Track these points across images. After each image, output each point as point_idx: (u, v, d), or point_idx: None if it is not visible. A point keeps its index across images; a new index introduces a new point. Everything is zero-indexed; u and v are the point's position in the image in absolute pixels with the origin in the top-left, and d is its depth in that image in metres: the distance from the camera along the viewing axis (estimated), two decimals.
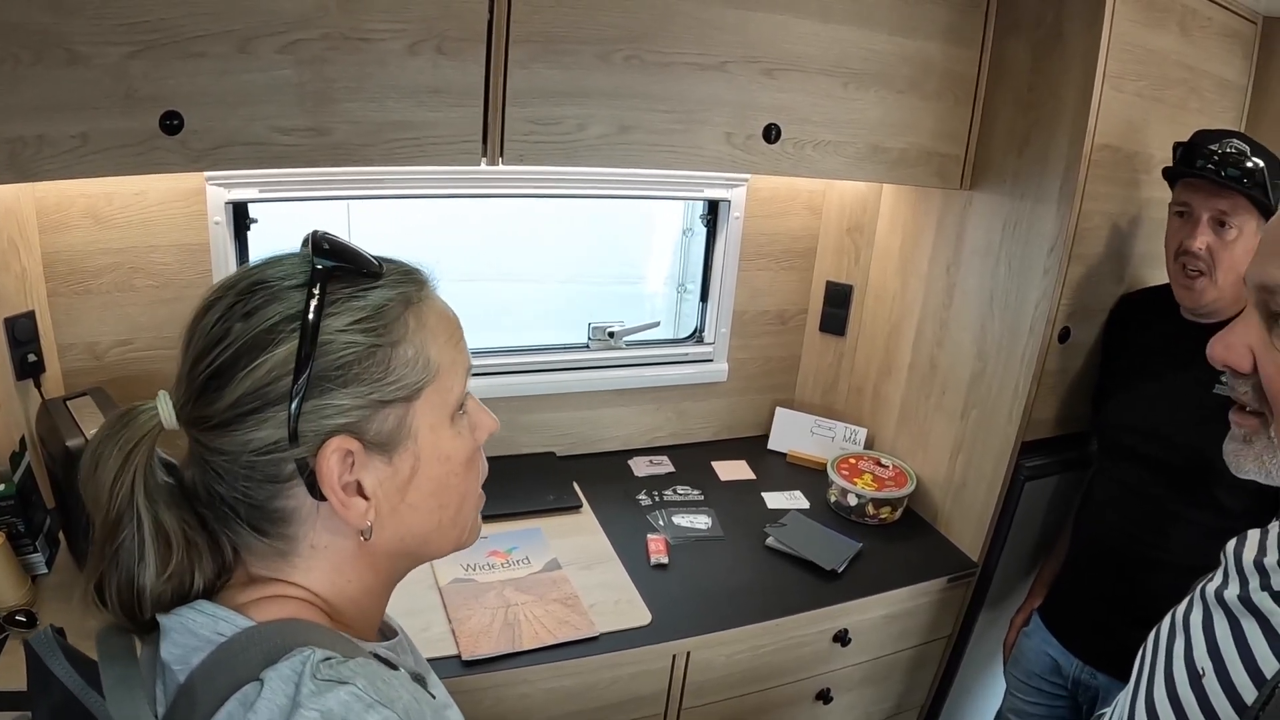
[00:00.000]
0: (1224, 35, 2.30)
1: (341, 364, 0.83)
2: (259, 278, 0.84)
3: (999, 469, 2.36)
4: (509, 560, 2.16)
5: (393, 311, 0.87)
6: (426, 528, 0.95)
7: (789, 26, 2.03)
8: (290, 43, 1.57)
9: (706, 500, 2.59)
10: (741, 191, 2.69)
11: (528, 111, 1.84)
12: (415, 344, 0.88)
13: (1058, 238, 2.16)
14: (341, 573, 0.91)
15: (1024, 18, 2.21)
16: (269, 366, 0.80)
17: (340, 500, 0.85)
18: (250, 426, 0.82)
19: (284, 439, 0.82)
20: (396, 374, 0.86)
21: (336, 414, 0.83)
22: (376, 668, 0.82)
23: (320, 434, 0.83)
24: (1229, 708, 0.96)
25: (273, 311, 0.82)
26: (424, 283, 0.93)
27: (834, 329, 2.96)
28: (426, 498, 0.92)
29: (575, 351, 2.70)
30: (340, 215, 2.25)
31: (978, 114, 2.36)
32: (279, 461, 0.83)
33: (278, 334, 0.81)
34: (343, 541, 0.89)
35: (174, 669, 0.82)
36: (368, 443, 0.86)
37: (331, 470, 0.84)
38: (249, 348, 0.81)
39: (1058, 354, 2.28)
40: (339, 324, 0.83)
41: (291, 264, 0.86)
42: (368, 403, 0.85)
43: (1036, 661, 2.26)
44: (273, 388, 0.81)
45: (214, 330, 0.82)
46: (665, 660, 2.03)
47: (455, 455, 0.94)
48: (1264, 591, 1.02)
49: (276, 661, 0.79)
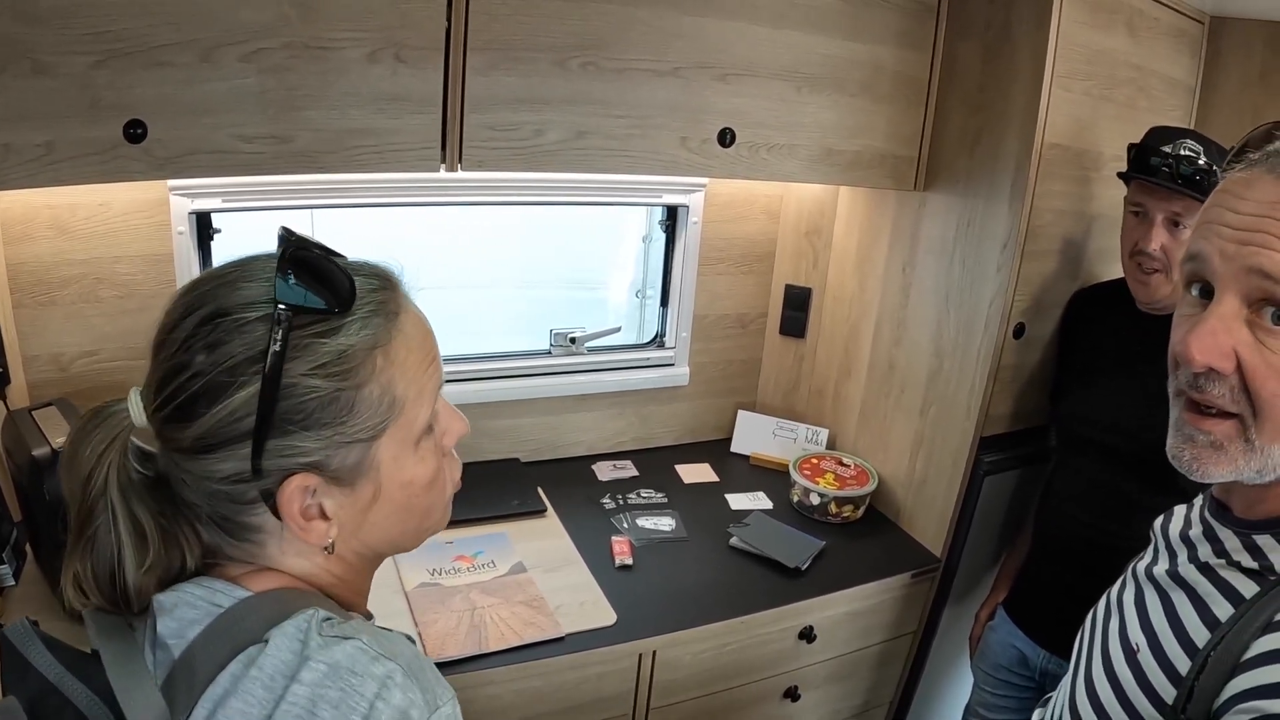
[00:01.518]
0: (1171, 35, 2.36)
1: (303, 408, 0.82)
2: (224, 305, 0.82)
3: (958, 465, 2.39)
4: (475, 564, 2.16)
5: (359, 355, 0.85)
6: (391, 537, 0.96)
7: (742, 32, 2.06)
8: (252, 51, 1.58)
9: (670, 503, 2.60)
10: (699, 196, 2.72)
11: (486, 118, 1.85)
12: (381, 383, 0.86)
13: (1010, 235, 2.20)
14: (317, 566, 0.92)
15: (974, 21, 2.26)
16: (231, 409, 0.80)
17: (300, 526, 0.86)
18: (214, 459, 0.82)
19: (246, 471, 0.82)
20: (360, 416, 0.85)
21: (298, 454, 0.83)
22: (375, 627, 0.86)
23: (283, 470, 0.83)
24: (1165, 680, 0.98)
25: (235, 349, 0.80)
26: (397, 312, 0.90)
27: (794, 331, 2.99)
28: (388, 516, 0.93)
29: (538, 358, 2.71)
30: (304, 224, 2.24)
31: (930, 116, 2.40)
32: (243, 490, 0.84)
33: (239, 376, 0.80)
34: (307, 550, 0.90)
35: (170, 643, 0.82)
36: (328, 476, 0.86)
37: (292, 502, 0.84)
38: (211, 386, 0.80)
39: (1013, 350, 2.31)
40: (302, 368, 0.82)
41: (259, 286, 0.83)
42: (330, 443, 0.84)
43: (1003, 654, 2.28)
44: (235, 427, 0.81)
45: (178, 355, 0.81)
46: (631, 659, 2.04)
47: (418, 479, 0.94)
48: (1190, 564, 1.05)
49: (278, 624, 0.81)
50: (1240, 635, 0.89)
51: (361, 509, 0.90)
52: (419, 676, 0.83)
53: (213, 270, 0.88)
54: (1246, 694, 0.85)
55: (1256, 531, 0.98)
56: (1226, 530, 1.02)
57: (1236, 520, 1.02)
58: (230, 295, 0.83)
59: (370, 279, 0.89)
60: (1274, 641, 0.86)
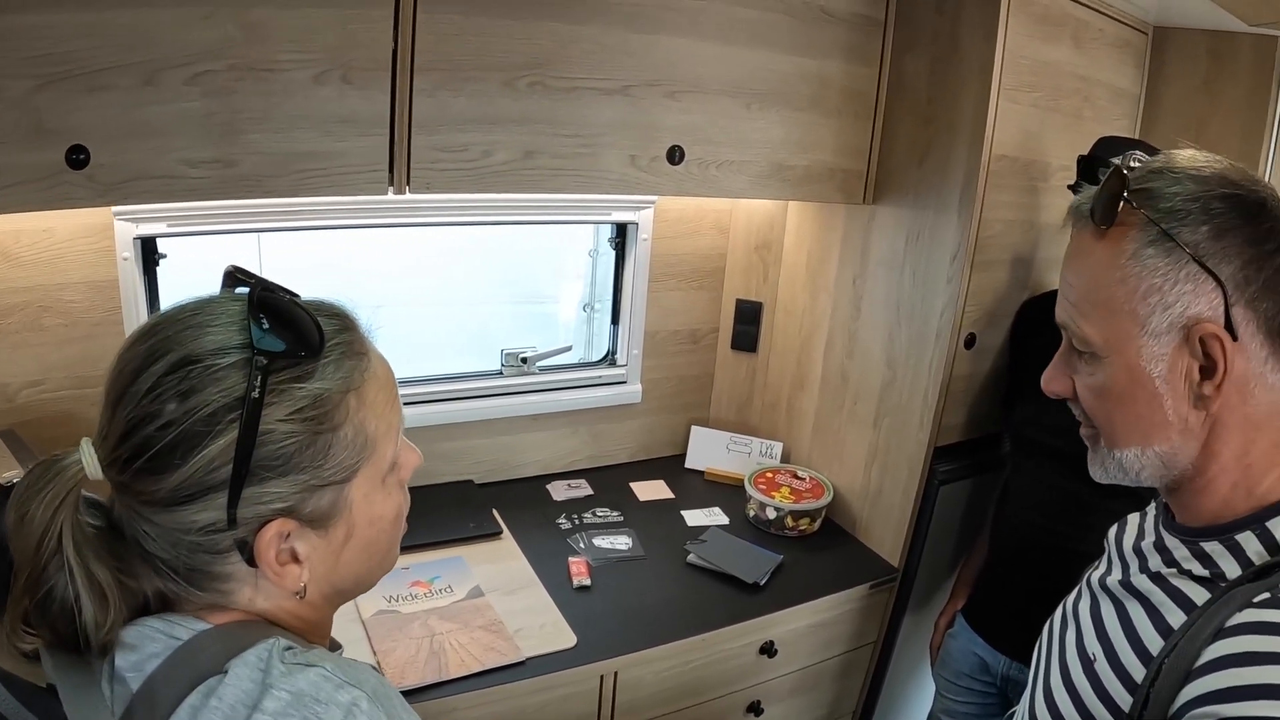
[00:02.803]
0: (1116, 45, 2.40)
1: (281, 454, 0.81)
2: (193, 351, 0.80)
3: (913, 475, 2.41)
4: (432, 590, 2.13)
5: (334, 398, 0.85)
6: (359, 575, 0.96)
7: (690, 50, 2.06)
8: (197, 74, 1.55)
9: (626, 521, 2.59)
10: (649, 213, 2.71)
11: (434, 139, 1.83)
12: (355, 424, 0.87)
13: (960, 246, 2.22)
14: (283, 609, 0.90)
15: (921, 35, 2.28)
16: (209, 458, 0.79)
17: (275, 572, 0.85)
18: (190, 511, 0.80)
19: (222, 521, 0.81)
20: (335, 459, 0.85)
21: (274, 500, 0.82)
22: (338, 656, 0.84)
23: (259, 518, 0.82)
24: (1121, 689, 1.00)
25: (210, 397, 0.79)
26: (364, 352, 0.90)
27: (745, 346, 3.00)
28: (358, 555, 0.93)
29: (489, 378, 2.69)
30: (250, 248, 2.21)
31: (878, 129, 2.42)
32: (216, 540, 0.82)
33: (216, 424, 0.79)
34: (277, 595, 0.89)
35: (128, 677, 0.80)
36: (304, 520, 0.85)
37: (269, 549, 0.83)
38: (187, 436, 0.78)
39: (965, 359, 2.34)
40: (279, 414, 0.81)
41: (225, 330, 0.82)
42: (306, 488, 0.84)
43: (964, 661, 2.29)
44: (212, 477, 0.79)
45: (145, 403, 0.79)
46: (594, 681, 2.02)
47: (386, 514, 0.94)
48: (1143, 574, 1.08)
49: (239, 654, 0.80)
50: (1193, 642, 0.91)
51: (335, 550, 0.90)
52: (385, 703, 0.82)
53: (167, 314, 0.85)
54: (1201, 699, 0.87)
55: (1205, 539, 1.01)
56: (1175, 539, 1.06)
57: (1185, 529, 1.05)
58: (197, 341, 0.81)
59: (332, 319, 0.89)
60: (1225, 648, 0.88)
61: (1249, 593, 0.91)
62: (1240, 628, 0.88)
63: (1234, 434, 0.99)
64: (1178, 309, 0.97)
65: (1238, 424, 0.99)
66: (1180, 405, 1.00)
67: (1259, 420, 0.99)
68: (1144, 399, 1.01)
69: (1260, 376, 0.97)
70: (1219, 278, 0.94)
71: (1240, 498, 1.00)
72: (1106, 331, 1.02)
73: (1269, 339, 0.96)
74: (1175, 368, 0.99)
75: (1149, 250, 0.97)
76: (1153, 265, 0.97)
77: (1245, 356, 0.96)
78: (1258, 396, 0.98)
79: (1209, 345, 0.96)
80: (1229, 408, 0.98)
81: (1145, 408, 1.01)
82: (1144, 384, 1.01)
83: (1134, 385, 1.01)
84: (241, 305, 0.84)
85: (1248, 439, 0.99)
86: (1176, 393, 0.99)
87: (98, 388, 0.85)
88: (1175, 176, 0.99)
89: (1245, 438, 0.99)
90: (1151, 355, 0.99)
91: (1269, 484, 0.99)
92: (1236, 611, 0.90)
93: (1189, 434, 1.00)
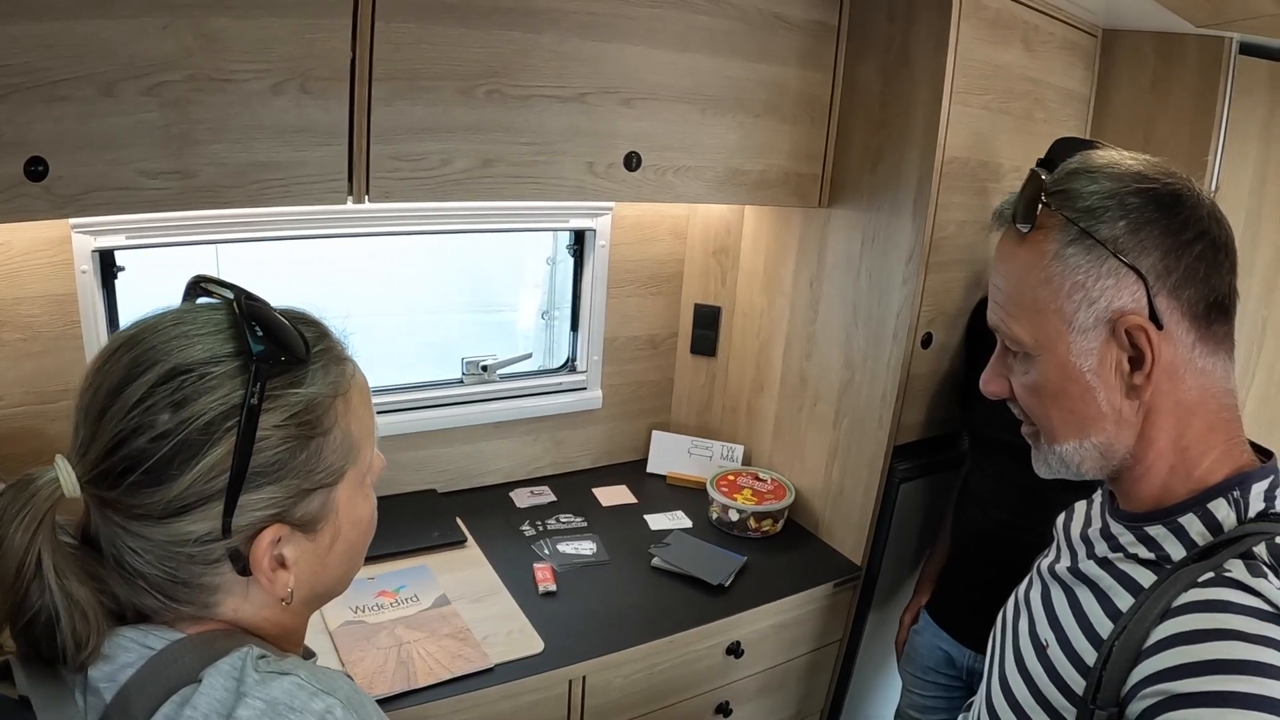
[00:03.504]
0: (1065, 48, 2.45)
1: (276, 460, 0.83)
2: (184, 361, 0.81)
3: (874, 474, 2.43)
4: (398, 599, 2.13)
5: (325, 403, 0.87)
6: (338, 578, 0.97)
7: (646, 57, 2.08)
8: (155, 85, 1.53)
9: (590, 526, 2.59)
10: (606, 220, 2.73)
11: (392, 148, 1.83)
12: (342, 428, 0.89)
13: (915, 248, 2.25)
14: (263, 617, 0.90)
15: (874, 41, 2.31)
16: (207, 467, 0.79)
17: (268, 579, 0.86)
18: (186, 522, 0.80)
19: (216, 530, 0.81)
20: (325, 462, 0.87)
21: (268, 506, 0.83)
22: (311, 664, 0.85)
23: (253, 525, 0.83)
24: (1074, 672, 1.03)
25: (206, 406, 0.79)
26: (344, 358, 0.92)
27: (704, 350, 3.02)
28: (340, 559, 0.94)
29: (450, 387, 2.68)
30: (209, 260, 2.19)
31: (833, 134, 2.45)
32: (210, 550, 0.82)
33: (213, 432, 0.79)
34: (263, 603, 0.89)
35: (101, 688, 0.80)
36: (294, 524, 0.87)
37: (264, 555, 0.84)
38: (184, 445, 0.78)
39: (922, 359, 2.37)
40: (274, 420, 0.82)
41: (213, 339, 0.83)
42: (297, 492, 0.85)
43: (930, 656, 2.31)
44: (209, 486, 0.80)
45: (135, 415, 0.79)
46: (562, 686, 2.02)
47: (365, 515, 0.97)
48: (1090, 560, 1.12)
49: (213, 663, 0.80)
50: (1141, 623, 0.94)
51: (321, 554, 0.91)
52: (359, 710, 0.82)
53: (146, 324, 0.85)
54: (1152, 678, 0.90)
55: (1148, 523, 1.05)
56: (1120, 525, 1.09)
57: (1128, 515, 1.09)
58: (186, 351, 0.82)
59: (309, 327, 0.91)
60: (1173, 627, 0.91)
61: (1194, 573, 0.94)
62: (1187, 607, 0.92)
63: (1168, 419, 1.03)
64: (1102, 304, 1.00)
65: (1171, 410, 1.03)
66: (1113, 396, 1.03)
67: (1191, 404, 1.02)
68: (1077, 393, 1.05)
69: (1189, 362, 1.01)
70: (1139, 270, 0.98)
71: (1179, 481, 1.04)
72: (1036, 331, 1.06)
73: (1194, 325, 1.00)
74: (1105, 361, 1.02)
75: (1070, 249, 1.01)
76: (1075, 263, 1.01)
77: (1172, 344, 1.00)
78: (1188, 381, 1.02)
79: (1135, 336, 1.00)
80: (1161, 395, 1.02)
81: (1079, 402, 1.05)
82: (1076, 379, 1.04)
83: (1066, 381, 1.05)
84: (223, 314, 0.85)
85: (1182, 423, 1.03)
86: (1108, 385, 1.03)
87: (58, 403, 0.84)
88: (1091, 176, 1.04)
89: (1179, 422, 1.03)
90: (1081, 350, 1.03)
91: (1207, 466, 1.03)
92: (1183, 591, 0.93)
93: (1124, 424, 1.04)
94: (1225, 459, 1.03)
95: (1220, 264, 1.00)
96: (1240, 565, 0.92)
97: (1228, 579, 0.91)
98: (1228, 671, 0.84)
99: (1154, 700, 0.88)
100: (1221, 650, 0.86)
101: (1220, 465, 1.03)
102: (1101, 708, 0.95)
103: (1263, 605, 0.88)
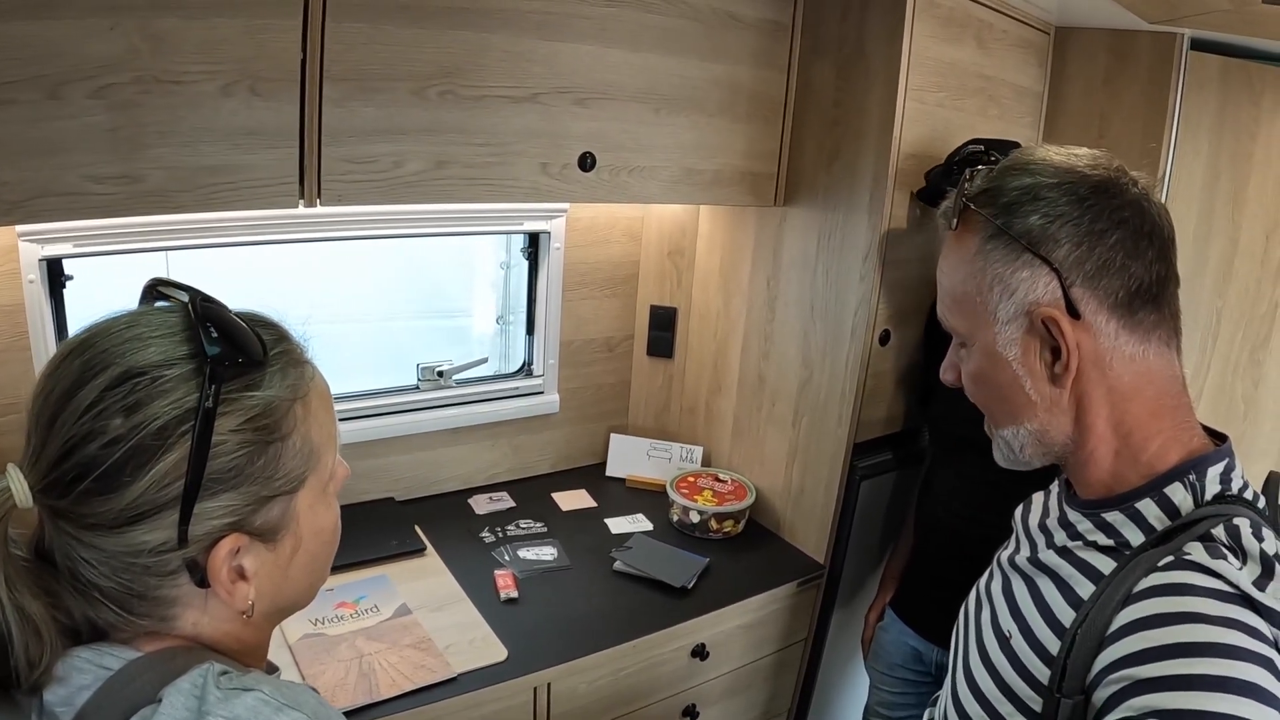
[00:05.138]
0: (1019, 46, 2.48)
1: (233, 466, 0.80)
2: (137, 364, 0.78)
3: (834, 472, 2.44)
4: (358, 610, 2.10)
5: (283, 406, 0.84)
6: (301, 590, 0.94)
7: (599, 56, 2.06)
8: (102, 87, 1.49)
9: (550, 531, 2.57)
10: (561, 222, 2.71)
11: (344, 150, 1.80)
12: (302, 433, 0.86)
13: (871, 245, 2.26)
14: (224, 632, 0.87)
15: (828, 39, 2.32)
16: (161, 473, 0.76)
17: (227, 590, 0.83)
18: (141, 530, 0.77)
19: (172, 540, 0.78)
20: (285, 468, 0.84)
21: (226, 514, 0.81)
22: (274, 679, 0.82)
23: (210, 534, 0.80)
24: (1038, 662, 1.05)
25: (159, 410, 0.76)
26: (303, 360, 0.90)
27: (661, 352, 3.01)
28: (303, 569, 0.92)
29: (406, 393, 2.65)
30: (159, 267, 2.14)
31: (787, 133, 2.45)
32: (166, 560, 0.79)
33: (168, 437, 0.76)
34: (224, 616, 0.86)
35: (58, 711, 0.77)
36: (253, 533, 0.84)
37: (222, 566, 0.81)
38: (136, 451, 0.76)
39: (881, 356, 2.37)
40: (231, 424, 0.80)
41: (167, 342, 0.80)
42: (256, 499, 0.83)
43: (896, 652, 2.32)
44: (164, 493, 0.77)
45: (86, 420, 0.76)
46: (527, 694, 2.00)
47: (328, 525, 0.94)
48: (1050, 549, 1.14)
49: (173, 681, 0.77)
50: (1103, 610, 0.95)
51: (283, 565, 0.88)
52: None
53: (98, 328, 0.82)
54: (1116, 664, 0.91)
55: (1105, 510, 1.06)
56: (1077, 513, 1.11)
57: (1084, 502, 1.11)
58: (139, 353, 0.79)
59: (268, 329, 0.89)
60: (1135, 612, 0.92)
61: (1153, 557, 0.96)
62: (1148, 591, 0.93)
63: (1101, 406, 1.06)
64: (1019, 295, 1.05)
65: (1103, 396, 1.05)
66: (1040, 385, 1.07)
67: (1125, 391, 1.05)
68: (1006, 382, 1.10)
69: (1115, 350, 1.04)
70: (1051, 262, 1.02)
71: (1127, 465, 1.06)
72: (968, 322, 1.11)
73: (1115, 314, 1.03)
74: (1028, 350, 1.07)
75: (990, 244, 1.06)
76: (994, 257, 1.06)
77: (1092, 334, 1.03)
78: (1116, 369, 1.04)
79: (1051, 327, 1.03)
80: (1090, 382, 1.05)
81: (1009, 390, 1.10)
82: (1003, 368, 1.09)
83: (995, 370, 1.10)
84: (178, 316, 0.82)
85: (1118, 409, 1.05)
86: (1034, 374, 1.07)
87: (6, 417, 0.81)
88: (1016, 173, 1.07)
89: (1115, 408, 1.06)
90: (1005, 341, 1.08)
91: (1154, 450, 1.05)
92: (1143, 576, 0.95)
93: (1056, 410, 1.08)
94: (1174, 443, 1.05)
95: (1142, 252, 1.02)
96: (1199, 548, 0.94)
97: (1188, 562, 0.93)
98: (1192, 654, 0.85)
99: (1119, 686, 0.89)
100: (1185, 633, 0.87)
101: (1170, 449, 1.05)
102: (1067, 696, 0.96)
103: (1223, 586, 0.90)
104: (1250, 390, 2.59)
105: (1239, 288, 2.52)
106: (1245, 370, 2.58)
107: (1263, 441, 2.61)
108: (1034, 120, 2.60)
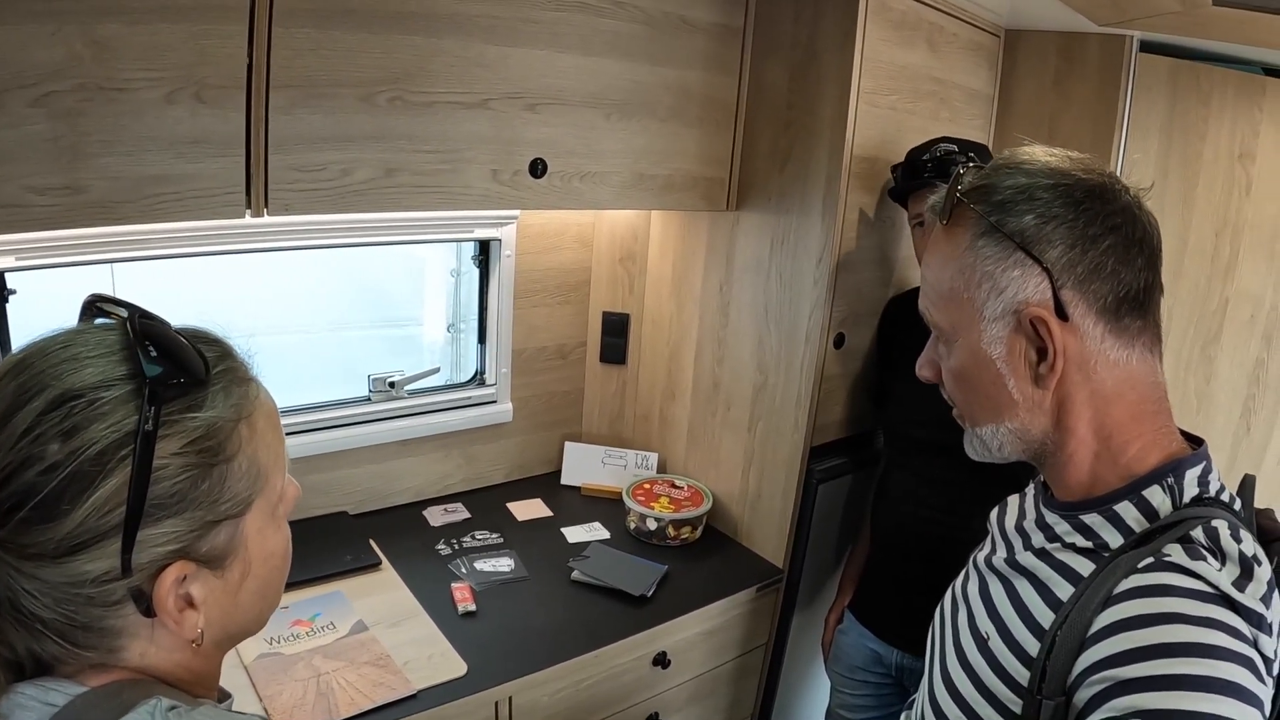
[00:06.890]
0: (969, 49, 2.50)
1: (176, 490, 0.77)
2: (73, 386, 0.75)
3: (791, 476, 2.44)
4: (314, 628, 2.05)
5: (226, 427, 0.81)
6: (252, 617, 0.91)
7: (549, 61, 2.05)
8: (42, 95, 1.44)
9: (506, 542, 2.55)
10: (511, 229, 2.68)
11: (291, 159, 1.76)
12: (247, 454, 0.83)
13: (824, 249, 2.26)
14: (173, 661, 0.84)
15: (780, 41, 2.32)
16: (101, 500, 0.73)
17: (174, 620, 0.80)
18: (82, 560, 0.74)
19: (115, 569, 0.75)
20: (230, 491, 0.81)
21: (170, 540, 0.77)
22: (225, 712, 0.80)
23: (155, 562, 0.77)
24: (1017, 664, 1.04)
25: (97, 434, 0.73)
26: (248, 379, 0.87)
27: (614, 358, 2.99)
28: (253, 595, 0.89)
29: (357, 405, 2.61)
30: (104, 280, 2.09)
31: (739, 136, 2.45)
32: (110, 590, 0.76)
33: (106, 462, 0.73)
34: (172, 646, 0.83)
35: None
36: (199, 560, 0.80)
37: (168, 595, 0.78)
38: (75, 478, 0.72)
39: (836, 359, 2.38)
40: (173, 447, 0.76)
41: (104, 362, 0.77)
42: (201, 525, 0.79)
43: (857, 655, 2.32)
44: (104, 521, 0.73)
45: (22, 446, 0.72)
46: (488, 708, 1.97)
47: (278, 550, 0.91)
48: (1027, 551, 1.13)
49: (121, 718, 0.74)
50: (1083, 612, 0.95)
51: (232, 592, 0.85)
52: None
53: (33, 348, 0.79)
54: (1097, 665, 0.91)
55: (1083, 512, 1.06)
56: (1055, 515, 1.11)
57: (1062, 504, 1.10)
58: (76, 375, 0.75)
59: (211, 346, 0.85)
60: (1116, 613, 0.92)
61: (1133, 559, 0.96)
62: (1128, 593, 0.93)
63: (1083, 409, 1.05)
64: (1009, 294, 1.04)
65: (1085, 400, 1.05)
66: (1023, 385, 1.07)
67: (1108, 395, 1.05)
68: (989, 380, 1.09)
69: (1100, 354, 1.04)
70: (1043, 263, 1.01)
71: (1107, 468, 1.06)
72: (953, 318, 1.10)
73: (1102, 318, 1.03)
74: (1014, 350, 1.06)
75: (981, 241, 1.05)
76: (985, 255, 1.05)
77: (1079, 337, 1.03)
78: (1100, 373, 1.04)
79: (1039, 327, 1.03)
80: (1073, 384, 1.05)
81: (991, 388, 1.09)
82: (987, 366, 1.08)
83: (979, 367, 1.09)
84: (116, 335, 0.79)
85: (1100, 413, 1.05)
86: (1018, 373, 1.06)
87: None
88: (1010, 171, 1.07)
89: (1097, 412, 1.05)
90: (991, 339, 1.07)
91: (1133, 454, 1.05)
92: (1123, 578, 0.95)
93: (1037, 411, 1.07)
94: (1154, 447, 1.05)
95: (1132, 260, 1.02)
96: (1179, 549, 0.94)
97: (1167, 563, 0.93)
98: (1174, 655, 0.85)
99: (1101, 687, 0.89)
100: (1166, 634, 0.87)
101: (1149, 453, 1.05)
102: (1048, 698, 0.96)
103: (1203, 587, 0.90)
104: (1202, 385, 2.63)
105: (1189, 285, 2.56)
106: (1197, 366, 2.62)
107: (1215, 436, 2.65)
108: (984, 123, 2.62)
